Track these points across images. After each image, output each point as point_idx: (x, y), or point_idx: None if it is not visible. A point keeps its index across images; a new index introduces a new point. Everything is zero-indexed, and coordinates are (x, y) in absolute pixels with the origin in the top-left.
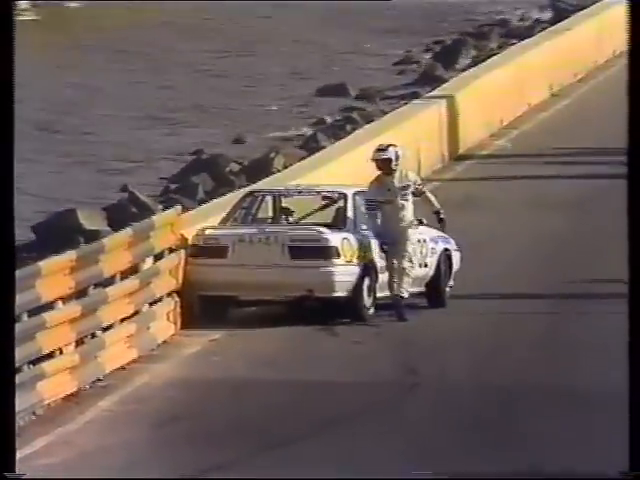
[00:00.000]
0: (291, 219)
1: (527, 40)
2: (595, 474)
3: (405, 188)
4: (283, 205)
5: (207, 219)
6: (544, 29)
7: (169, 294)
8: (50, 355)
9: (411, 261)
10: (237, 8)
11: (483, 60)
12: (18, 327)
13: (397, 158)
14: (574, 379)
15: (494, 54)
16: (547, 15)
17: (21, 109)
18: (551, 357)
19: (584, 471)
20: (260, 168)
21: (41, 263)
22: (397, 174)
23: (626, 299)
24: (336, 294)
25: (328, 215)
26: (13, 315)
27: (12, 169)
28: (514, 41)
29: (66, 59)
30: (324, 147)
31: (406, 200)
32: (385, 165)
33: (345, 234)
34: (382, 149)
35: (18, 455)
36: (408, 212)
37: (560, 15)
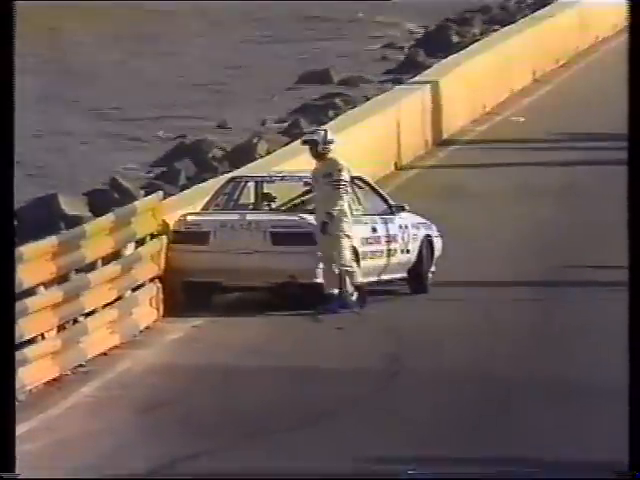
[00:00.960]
0: (273, 205)
1: (509, 26)
2: (594, 474)
3: (328, 176)
4: (265, 191)
5: (189, 205)
6: (526, 15)
7: (151, 280)
8: (32, 341)
9: (345, 260)
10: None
11: (466, 46)
12: None
13: (326, 142)
14: (565, 370)
15: (477, 40)
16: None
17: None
18: (537, 346)
19: (583, 471)
20: (243, 154)
21: (22, 248)
22: (327, 161)
23: (619, 286)
24: (318, 280)
25: (310, 201)
26: (13, 334)
27: (12, 168)
28: (497, 27)
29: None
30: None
31: (331, 189)
32: (311, 148)
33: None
34: (311, 132)
35: None
36: (331, 202)
37: (543, 1)
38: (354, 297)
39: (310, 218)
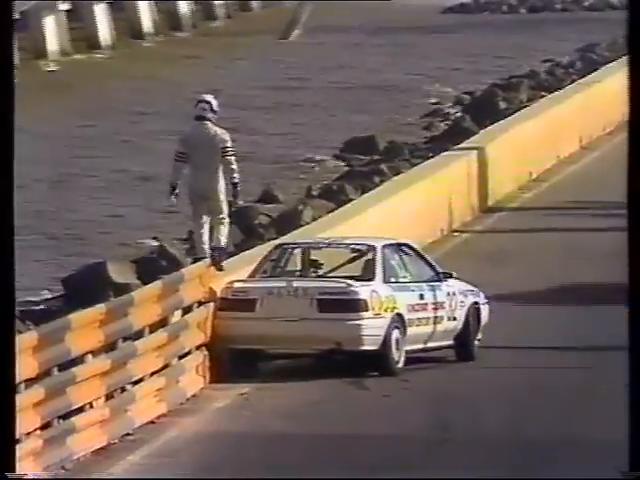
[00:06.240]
0: (320, 272)
1: (556, 92)
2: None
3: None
4: (312, 257)
5: (236, 272)
6: (574, 81)
7: (198, 347)
8: (80, 409)
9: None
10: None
11: (513, 112)
12: (49, 381)
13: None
14: (607, 434)
15: (524, 106)
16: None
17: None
18: (582, 411)
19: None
20: (289, 220)
21: (71, 316)
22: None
23: None
24: (364, 347)
25: (357, 268)
26: (13, 320)
27: (12, 171)
28: (544, 93)
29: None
30: (352, 199)
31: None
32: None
33: (374, 287)
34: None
35: None
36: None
37: (590, 67)
38: (400, 364)
39: (357, 285)
